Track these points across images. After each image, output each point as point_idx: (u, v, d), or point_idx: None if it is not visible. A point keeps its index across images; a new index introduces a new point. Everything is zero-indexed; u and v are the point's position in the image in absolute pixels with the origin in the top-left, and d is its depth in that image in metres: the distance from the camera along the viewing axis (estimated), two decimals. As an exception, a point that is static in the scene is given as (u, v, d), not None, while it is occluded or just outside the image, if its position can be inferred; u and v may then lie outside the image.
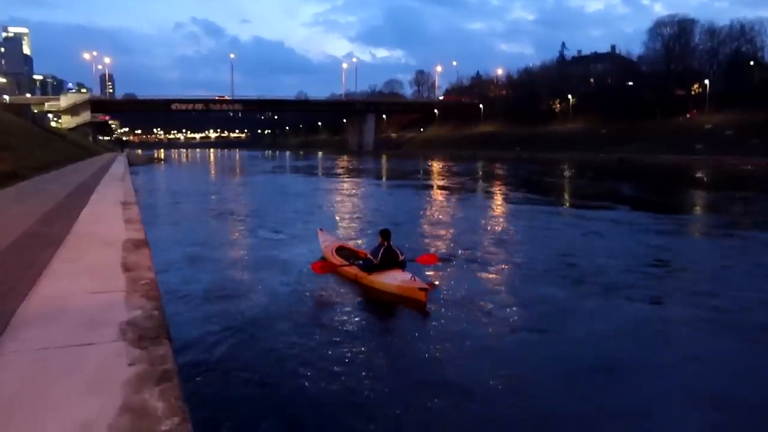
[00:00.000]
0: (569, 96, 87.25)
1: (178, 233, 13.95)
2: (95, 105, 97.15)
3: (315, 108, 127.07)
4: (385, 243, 8.89)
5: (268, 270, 9.75)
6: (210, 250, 11.67)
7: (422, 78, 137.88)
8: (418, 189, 28.76)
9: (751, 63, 69.63)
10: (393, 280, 8.27)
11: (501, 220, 17.16)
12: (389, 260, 8.73)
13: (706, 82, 68.53)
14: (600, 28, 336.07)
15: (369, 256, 8.92)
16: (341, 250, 10.38)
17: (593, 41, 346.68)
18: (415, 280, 7.99)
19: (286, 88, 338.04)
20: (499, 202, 22.40)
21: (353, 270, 8.98)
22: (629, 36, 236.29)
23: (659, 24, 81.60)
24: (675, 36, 78.86)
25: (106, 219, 8.86)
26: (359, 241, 12.49)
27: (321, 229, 11.91)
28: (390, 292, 8.18)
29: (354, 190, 28.22)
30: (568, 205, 22.45)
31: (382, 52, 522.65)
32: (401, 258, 8.90)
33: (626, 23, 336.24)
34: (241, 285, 8.78)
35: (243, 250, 12.31)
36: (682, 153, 57.82)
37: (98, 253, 6.24)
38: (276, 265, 10.12)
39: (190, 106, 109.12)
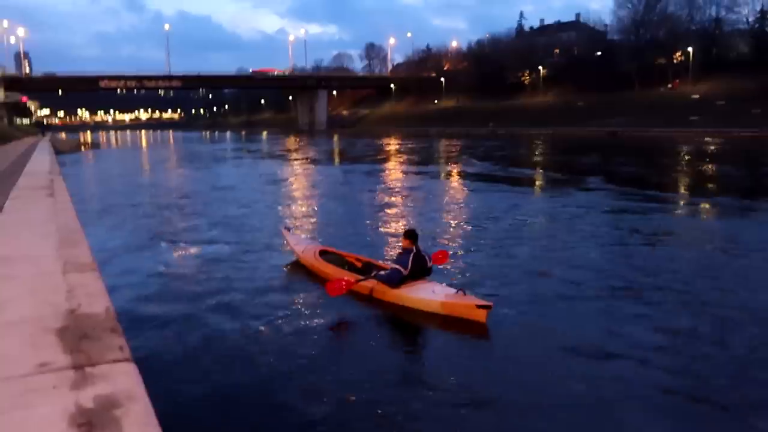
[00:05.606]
0: (539, 67, 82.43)
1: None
2: (10, 83, 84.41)
3: (262, 84, 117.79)
4: (413, 247, 6.88)
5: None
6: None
7: (373, 52, 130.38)
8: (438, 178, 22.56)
9: (733, 29, 66.63)
10: (432, 294, 6.47)
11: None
12: (419, 269, 6.84)
13: (690, 49, 64.67)
14: (531, 4, 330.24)
15: (394, 265, 6.85)
16: (326, 255, 8.29)
17: (527, 15, 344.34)
18: (465, 294, 6.27)
19: (216, 66, 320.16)
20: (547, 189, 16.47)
21: (370, 284, 6.90)
22: (562, 10, 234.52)
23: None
24: (645, 3, 74.72)
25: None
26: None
27: (287, 229, 9.82)
28: (429, 311, 6.35)
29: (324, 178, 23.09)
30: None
31: (314, 28, 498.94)
32: (429, 264, 7.04)
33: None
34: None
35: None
36: (676, 125, 53.78)
37: None
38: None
39: (121, 84, 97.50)
